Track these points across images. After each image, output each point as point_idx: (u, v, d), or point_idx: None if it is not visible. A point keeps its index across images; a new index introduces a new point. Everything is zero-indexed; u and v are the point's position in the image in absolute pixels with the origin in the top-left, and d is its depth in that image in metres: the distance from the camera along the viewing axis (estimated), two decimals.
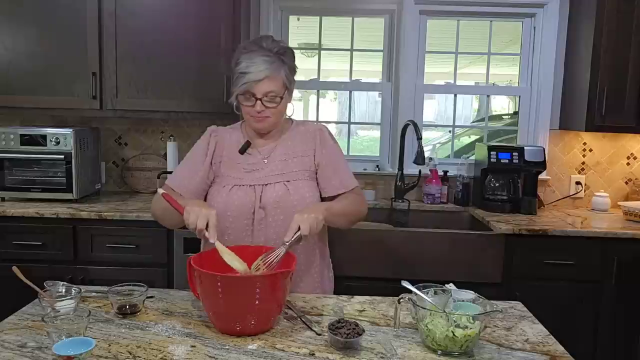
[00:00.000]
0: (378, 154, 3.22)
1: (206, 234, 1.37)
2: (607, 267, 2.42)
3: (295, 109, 1.70)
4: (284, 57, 1.54)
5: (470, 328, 1.15)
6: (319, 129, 1.69)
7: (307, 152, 1.65)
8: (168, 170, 2.85)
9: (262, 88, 1.51)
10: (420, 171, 2.89)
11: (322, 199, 1.64)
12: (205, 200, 1.64)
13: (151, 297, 1.45)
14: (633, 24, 2.62)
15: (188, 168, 1.67)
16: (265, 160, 1.63)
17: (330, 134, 1.71)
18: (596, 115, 2.68)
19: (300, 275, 1.61)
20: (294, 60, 1.59)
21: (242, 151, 1.63)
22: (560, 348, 1.23)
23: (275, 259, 1.34)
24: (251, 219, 1.58)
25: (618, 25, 2.63)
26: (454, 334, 1.13)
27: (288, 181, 1.60)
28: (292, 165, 1.62)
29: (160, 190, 1.50)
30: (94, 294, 1.46)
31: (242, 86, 1.51)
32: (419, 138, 2.66)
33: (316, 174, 1.65)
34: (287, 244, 1.36)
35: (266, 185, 1.59)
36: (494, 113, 4.83)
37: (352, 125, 3.38)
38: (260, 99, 1.52)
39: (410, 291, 1.24)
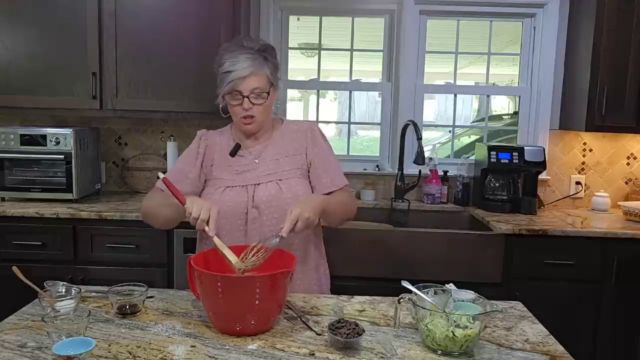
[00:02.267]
0: (378, 154, 3.22)
1: (206, 227, 1.38)
2: (607, 267, 2.42)
3: (293, 109, 1.70)
4: (266, 53, 1.56)
5: (470, 328, 1.15)
6: (310, 128, 1.70)
7: (299, 150, 1.65)
8: (168, 170, 2.85)
9: (248, 85, 1.52)
10: (420, 171, 2.89)
11: None
12: None
13: (151, 297, 1.45)
14: (633, 23, 2.62)
15: (179, 172, 1.67)
16: (257, 161, 1.63)
17: (321, 132, 1.71)
18: (596, 115, 2.68)
19: (296, 270, 1.61)
20: (276, 57, 1.61)
21: (233, 154, 1.64)
22: (560, 348, 1.23)
23: (273, 240, 1.37)
24: (244, 219, 1.58)
25: (618, 24, 2.62)
26: (454, 334, 1.13)
27: (280, 180, 1.60)
28: (284, 164, 1.63)
29: (161, 175, 1.51)
30: (94, 294, 1.47)
31: (227, 85, 1.52)
32: (419, 138, 2.66)
33: (308, 172, 1.66)
34: (281, 234, 1.39)
35: (258, 184, 1.60)
36: (494, 113, 4.83)
37: (352, 125, 3.38)
38: (247, 96, 1.53)
39: (410, 291, 1.24)
